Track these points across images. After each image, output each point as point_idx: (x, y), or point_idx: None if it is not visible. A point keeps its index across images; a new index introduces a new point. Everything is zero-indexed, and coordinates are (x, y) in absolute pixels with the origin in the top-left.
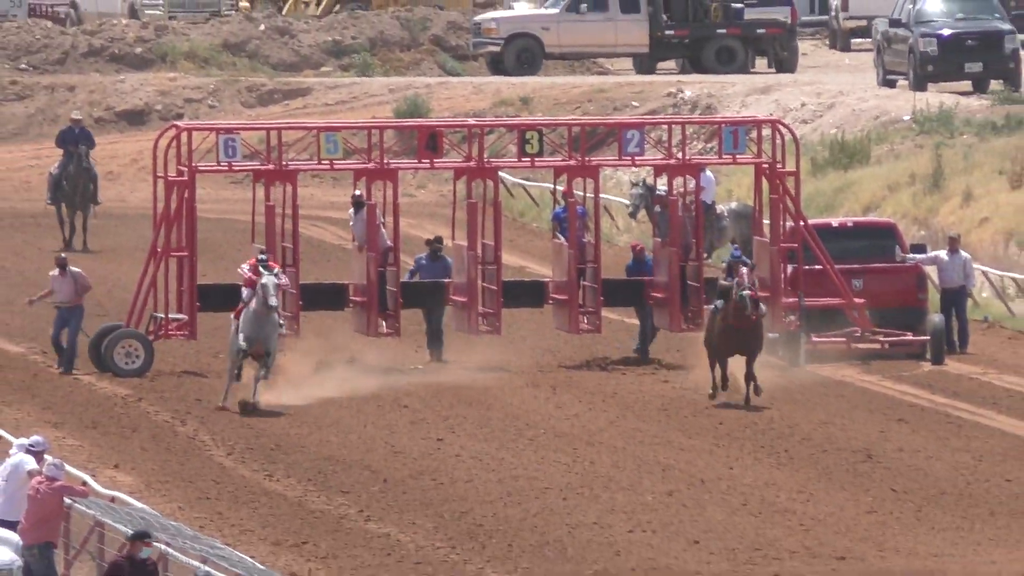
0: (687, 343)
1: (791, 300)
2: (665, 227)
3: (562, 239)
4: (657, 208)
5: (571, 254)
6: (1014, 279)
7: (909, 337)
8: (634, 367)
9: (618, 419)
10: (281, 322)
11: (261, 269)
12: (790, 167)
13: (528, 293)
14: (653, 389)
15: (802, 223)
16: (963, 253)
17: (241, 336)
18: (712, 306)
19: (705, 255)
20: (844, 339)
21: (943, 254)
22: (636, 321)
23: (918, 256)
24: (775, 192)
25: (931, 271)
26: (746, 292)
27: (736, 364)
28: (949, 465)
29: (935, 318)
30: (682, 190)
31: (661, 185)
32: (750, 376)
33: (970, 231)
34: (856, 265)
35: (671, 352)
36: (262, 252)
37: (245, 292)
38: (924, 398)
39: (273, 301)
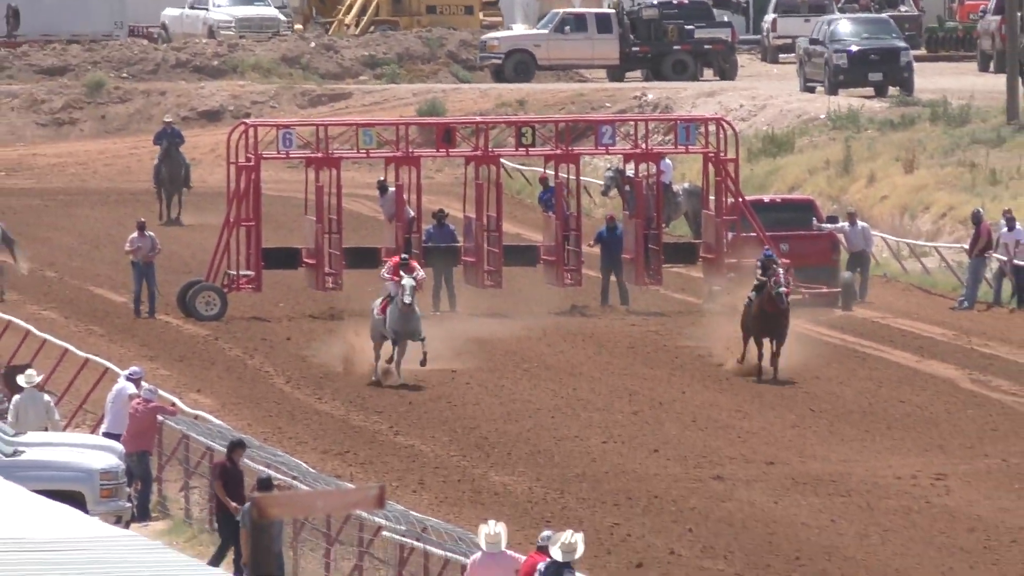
0: (649, 295)
1: (732, 260)
2: (632, 203)
3: (550, 213)
4: (626, 188)
5: (557, 224)
6: (907, 243)
7: (824, 289)
8: (608, 314)
9: (595, 355)
10: (419, 313)
11: (402, 272)
12: (731, 155)
13: (524, 255)
14: (622, 331)
15: (740, 199)
16: (861, 223)
17: (390, 331)
18: (747, 298)
19: (664, 225)
20: None
21: (846, 225)
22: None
23: (830, 226)
24: (719, 175)
25: (840, 238)
26: (782, 289)
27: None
28: (855, 390)
29: (845, 274)
30: (645, 174)
31: (629, 170)
32: (776, 357)
33: (873, 206)
34: (783, 232)
35: (636, 301)
36: (405, 254)
37: (390, 287)
38: (836, 337)
39: (408, 299)
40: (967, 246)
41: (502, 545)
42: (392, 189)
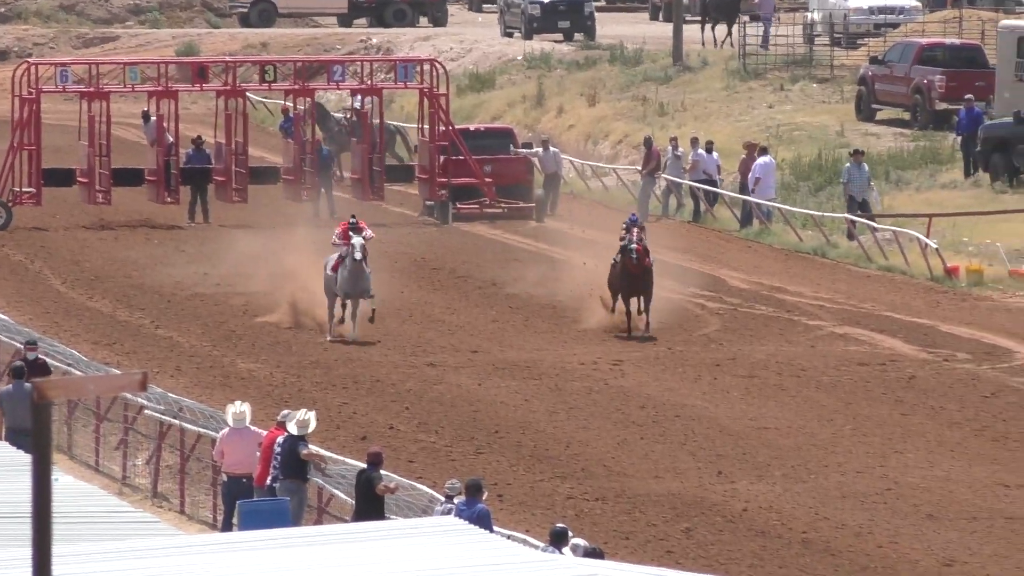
0: (371, 208)
1: (443, 180)
2: (359, 131)
3: (290, 140)
4: (353, 118)
5: (295, 149)
6: (591, 165)
7: (521, 204)
8: (335, 225)
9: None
10: (368, 271)
11: (351, 232)
12: (443, 91)
13: (266, 175)
14: None
15: (450, 128)
16: (552, 148)
17: (341, 290)
18: (613, 259)
19: (387, 151)
20: (478, 206)
21: (540, 150)
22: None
23: (526, 151)
24: (432, 108)
25: (535, 161)
26: (633, 246)
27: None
28: (546, 289)
29: (539, 192)
30: (370, 107)
31: (356, 103)
32: (646, 312)
33: (562, 134)
34: (486, 156)
35: (362, 215)
36: (352, 216)
37: (342, 249)
38: (531, 245)
39: (359, 255)
40: (640, 168)
41: (247, 421)
42: (154, 118)
